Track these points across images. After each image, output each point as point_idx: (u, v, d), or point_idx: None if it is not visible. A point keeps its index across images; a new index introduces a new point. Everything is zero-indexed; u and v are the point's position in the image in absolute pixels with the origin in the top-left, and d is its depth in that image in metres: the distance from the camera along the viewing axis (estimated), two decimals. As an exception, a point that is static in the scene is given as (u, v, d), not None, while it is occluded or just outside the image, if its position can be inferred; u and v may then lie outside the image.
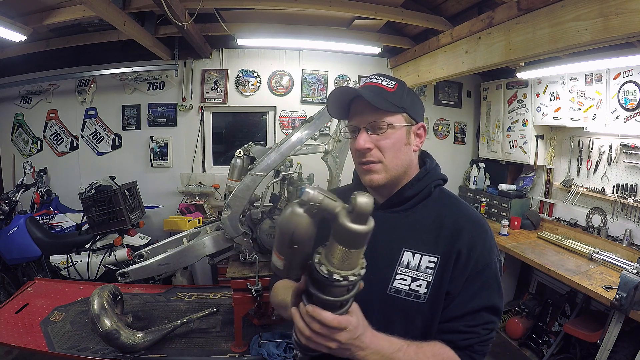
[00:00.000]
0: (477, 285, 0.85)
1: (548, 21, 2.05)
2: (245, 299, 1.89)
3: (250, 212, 2.04)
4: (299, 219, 0.64)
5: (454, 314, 0.85)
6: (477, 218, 0.92)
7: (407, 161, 0.92)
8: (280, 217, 0.68)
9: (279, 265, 0.71)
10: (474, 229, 0.88)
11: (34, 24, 2.80)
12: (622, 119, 2.66)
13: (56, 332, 1.98)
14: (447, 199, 0.96)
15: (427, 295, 0.85)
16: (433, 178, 0.95)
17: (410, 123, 0.92)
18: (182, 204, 3.84)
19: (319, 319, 0.67)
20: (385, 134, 0.88)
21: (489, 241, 0.89)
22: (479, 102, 4.35)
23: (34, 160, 3.87)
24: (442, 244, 0.87)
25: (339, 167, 2.52)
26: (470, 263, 0.85)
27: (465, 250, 0.85)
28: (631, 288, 2.02)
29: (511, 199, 3.59)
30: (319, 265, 0.63)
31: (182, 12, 2.63)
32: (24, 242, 3.00)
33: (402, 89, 0.92)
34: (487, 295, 0.85)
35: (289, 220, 0.65)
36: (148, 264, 2.02)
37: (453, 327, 0.85)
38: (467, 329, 0.84)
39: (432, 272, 0.86)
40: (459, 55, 2.89)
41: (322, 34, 3.54)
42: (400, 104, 0.89)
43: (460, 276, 0.85)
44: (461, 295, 0.85)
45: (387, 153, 0.89)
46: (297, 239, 0.65)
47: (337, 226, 0.61)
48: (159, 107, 3.95)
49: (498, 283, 0.87)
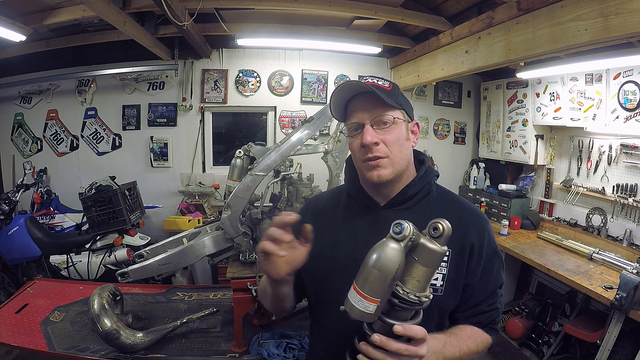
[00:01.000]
0: (492, 271, 0.95)
1: (548, 21, 2.05)
2: (245, 299, 1.89)
3: (250, 212, 2.03)
4: (400, 254, 0.65)
5: (477, 300, 0.94)
6: (476, 211, 1.00)
7: (408, 156, 0.95)
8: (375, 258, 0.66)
9: (372, 310, 0.67)
10: (477, 222, 0.95)
11: (34, 24, 2.80)
12: (622, 119, 2.66)
13: (56, 332, 1.98)
14: (445, 194, 1.02)
15: (443, 287, 0.90)
16: (432, 175, 0.99)
17: (407, 120, 0.95)
18: (182, 204, 3.84)
19: (411, 334, 0.69)
20: (389, 128, 0.90)
21: (489, 229, 0.97)
22: (479, 102, 4.35)
23: (34, 160, 3.87)
24: (452, 238, 0.86)
25: (339, 167, 2.51)
26: (482, 254, 0.93)
27: (477, 244, 0.92)
28: (631, 288, 2.02)
29: (511, 199, 3.58)
30: (407, 294, 0.66)
31: (182, 12, 2.63)
32: (24, 242, 3.00)
33: (396, 88, 0.95)
34: (499, 276, 0.97)
35: (392, 258, 0.64)
36: (148, 264, 2.01)
37: (478, 310, 0.95)
38: (489, 307, 0.96)
39: (445, 265, 0.90)
40: (459, 55, 2.89)
41: (322, 34, 3.54)
42: (397, 101, 0.92)
43: (477, 267, 0.92)
44: (480, 283, 0.94)
45: (393, 147, 0.90)
46: (398, 275, 0.66)
47: (425, 250, 0.66)
48: (159, 107, 3.95)
49: (502, 262, 0.99)
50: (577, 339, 2.58)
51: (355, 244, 0.95)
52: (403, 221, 0.66)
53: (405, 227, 0.65)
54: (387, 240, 0.66)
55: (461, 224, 0.91)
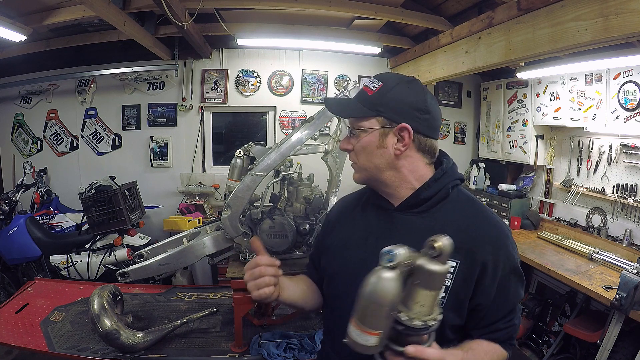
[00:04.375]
0: (509, 289, 0.89)
1: (548, 21, 2.05)
2: (245, 299, 1.89)
3: (250, 212, 2.03)
4: (395, 283, 0.61)
5: (493, 319, 0.89)
6: (498, 223, 0.91)
7: (383, 164, 0.90)
8: (369, 291, 0.63)
9: (373, 343, 0.64)
10: (496, 237, 0.88)
11: (34, 24, 2.80)
12: (622, 119, 2.66)
13: (56, 332, 1.98)
14: (466, 201, 0.94)
15: (445, 300, 0.85)
16: (450, 178, 0.93)
17: (385, 125, 0.88)
18: (182, 204, 3.84)
19: (424, 357, 0.66)
20: (357, 137, 0.92)
21: (510, 245, 0.90)
22: (479, 102, 4.36)
23: (34, 160, 3.87)
24: (463, 250, 0.84)
25: (339, 167, 2.51)
26: (498, 272, 0.86)
27: (491, 262, 0.85)
28: (631, 288, 2.02)
29: (511, 199, 3.58)
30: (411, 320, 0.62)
31: (182, 12, 2.63)
32: (24, 242, 2.99)
33: (386, 89, 0.89)
34: (517, 293, 0.91)
35: (385, 289, 0.61)
36: (148, 264, 2.02)
37: (494, 328, 0.90)
38: (506, 325, 0.90)
39: (451, 277, 0.85)
40: (459, 55, 2.89)
41: (322, 34, 3.54)
42: (374, 107, 0.89)
43: (491, 286, 0.86)
44: (496, 302, 0.88)
45: (360, 155, 0.93)
46: (395, 304, 0.62)
47: (424, 273, 0.62)
48: (159, 107, 3.95)
49: (523, 278, 0.92)
50: (577, 339, 2.58)
51: (365, 244, 0.94)
52: (394, 247, 0.63)
53: (396, 254, 0.62)
54: (380, 270, 0.63)
55: (476, 236, 0.86)
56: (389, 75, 0.93)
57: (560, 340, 2.71)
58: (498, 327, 0.90)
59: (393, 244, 0.85)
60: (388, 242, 0.68)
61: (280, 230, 1.95)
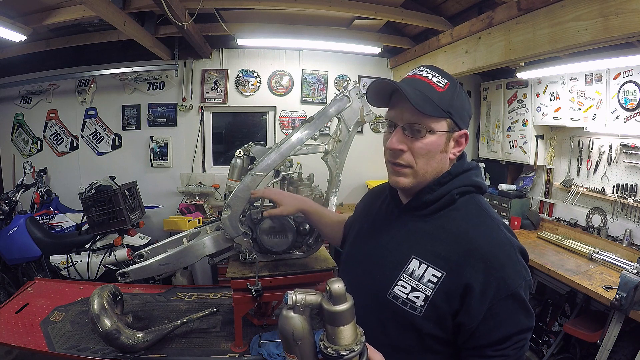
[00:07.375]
0: (502, 316, 0.76)
1: (548, 21, 2.05)
2: (245, 299, 1.89)
3: (250, 212, 2.03)
4: (293, 320, 0.73)
5: (481, 343, 0.77)
6: (500, 241, 0.80)
7: (438, 169, 0.86)
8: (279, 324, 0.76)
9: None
10: (492, 255, 0.78)
11: (34, 24, 2.80)
12: (622, 119, 2.66)
13: (56, 332, 1.98)
14: (474, 212, 0.85)
15: (423, 309, 0.79)
16: (458, 184, 0.85)
17: (452, 129, 0.84)
18: (182, 204, 3.84)
19: None
20: (422, 138, 0.82)
21: (511, 267, 0.78)
22: (479, 102, 4.35)
23: (34, 160, 3.87)
24: (453, 263, 0.79)
25: (339, 167, 2.50)
26: (487, 295, 0.75)
27: (480, 283, 0.76)
28: (631, 288, 2.02)
29: (511, 199, 3.58)
30: (325, 348, 0.72)
31: (182, 12, 2.63)
32: (24, 242, 2.99)
33: (454, 89, 0.83)
34: (515, 322, 0.77)
35: (285, 324, 0.74)
36: (148, 264, 2.01)
37: (482, 353, 0.78)
38: (495, 352, 0.77)
39: (433, 287, 0.79)
40: (459, 55, 2.89)
41: (322, 34, 3.54)
42: (446, 108, 0.81)
43: (477, 308, 0.76)
44: (484, 325, 0.76)
45: (420, 159, 0.83)
46: (298, 337, 0.74)
47: (325, 312, 0.71)
48: (159, 107, 3.95)
49: (526, 307, 0.78)
50: (577, 339, 2.58)
51: (370, 238, 0.95)
52: (291, 292, 0.74)
53: (289, 297, 0.73)
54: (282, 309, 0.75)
55: (469, 250, 0.78)
56: (446, 73, 0.86)
57: (560, 340, 2.71)
58: (486, 354, 0.78)
59: (390, 242, 0.90)
60: (387, 240, 0.69)
61: (280, 230, 1.95)
